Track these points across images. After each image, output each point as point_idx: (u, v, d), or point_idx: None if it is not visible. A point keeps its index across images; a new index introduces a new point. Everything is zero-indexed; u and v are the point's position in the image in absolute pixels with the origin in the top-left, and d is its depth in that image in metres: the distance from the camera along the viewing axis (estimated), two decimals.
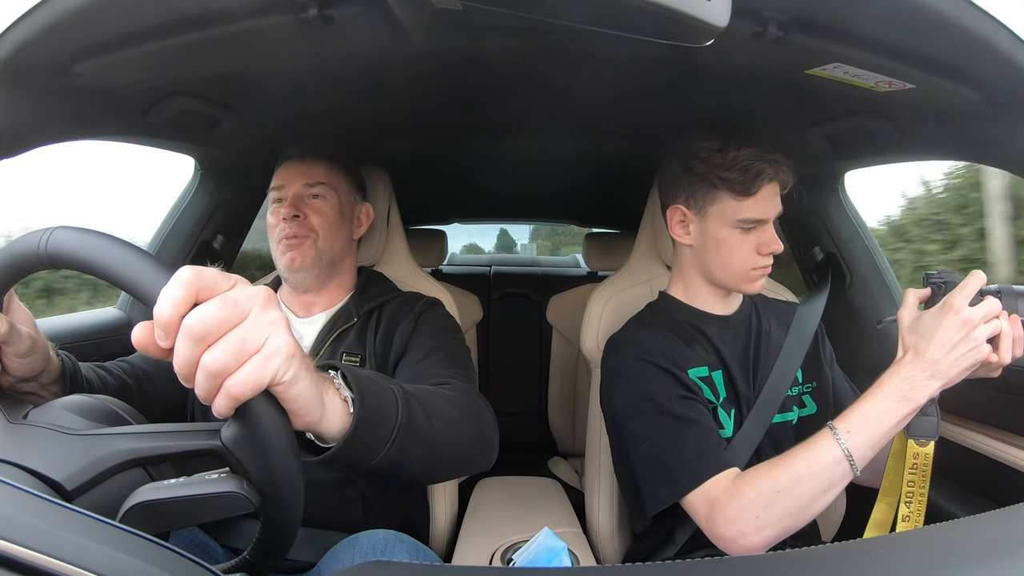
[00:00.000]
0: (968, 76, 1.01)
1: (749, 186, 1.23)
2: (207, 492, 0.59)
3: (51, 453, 0.63)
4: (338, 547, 1.07)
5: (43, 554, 0.43)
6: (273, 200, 1.44)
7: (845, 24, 0.93)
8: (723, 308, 1.40)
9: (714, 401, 1.28)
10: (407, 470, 0.86)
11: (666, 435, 1.19)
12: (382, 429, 0.78)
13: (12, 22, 0.90)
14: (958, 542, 0.66)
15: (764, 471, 1.08)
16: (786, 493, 1.04)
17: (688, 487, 1.14)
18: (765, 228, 1.27)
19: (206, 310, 0.53)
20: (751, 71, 1.17)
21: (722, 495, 1.10)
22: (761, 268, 1.28)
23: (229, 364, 0.53)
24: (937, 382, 1.02)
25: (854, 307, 1.82)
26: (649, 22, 0.74)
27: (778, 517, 1.04)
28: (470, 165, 2.38)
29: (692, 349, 1.32)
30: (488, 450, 1.09)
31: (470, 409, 1.06)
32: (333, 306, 1.45)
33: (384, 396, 0.80)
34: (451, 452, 0.98)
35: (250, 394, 0.55)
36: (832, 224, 1.86)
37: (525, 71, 1.35)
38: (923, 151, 1.46)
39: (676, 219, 1.35)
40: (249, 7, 0.94)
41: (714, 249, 1.29)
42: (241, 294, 0.56)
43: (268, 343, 0.56)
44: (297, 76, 1.29)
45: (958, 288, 1.03)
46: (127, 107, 1.29)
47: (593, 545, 1.50)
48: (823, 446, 1.05)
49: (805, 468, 1.04)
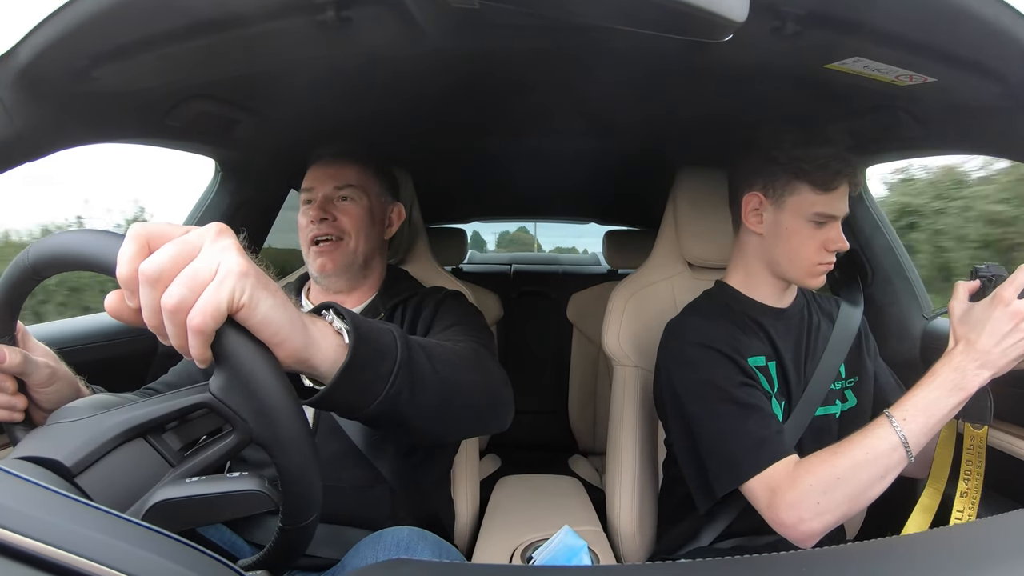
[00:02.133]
0: (990, 69, 1.00)
1: (829, 182, 1.27)
2: (228, 490, 0.59)
3: (52, 440, 0.64)
4: (361, 544, 1.07)
5: (66, 551, 0.43)
6: (303, 201, 1.45)
7: (864, 18, 0.92)
8: (779, 301, 1.42)
9: (769, 391, 1.30)
10: (413, 419, 0.83)
11: (728, 421, 1.22)
12: (380, 366, 0.75)
13: (32, 28, 0.91)
14: (982, 541, 0.66)
15: (823, 458, 1.11)
16: (845, 479, 1.07)
17: (750, 473, 1.17)
18: (834, 225, 1.30)
19: (157, 254, 0.54)
20: (770, 67, 1.16)
21: (783, 482, 1.13)
22: (826, 264, 1.30)
23: (185, 297, 0.54)
24: (987, 371, 1.05)
25: (876, 303, 1.80)
26: (667, 18, 0.73)
27: (837, 503, 1.07)
28: (488, 164, 2.38)
29: (749, 338, 1.34)
30: (502, 409, 1.07)
31: (478, 363, 1.03)
32: (361, 304, 1.46)
33: (382, 334, 0.77)
34: (460, 402, 0.95)
35: (212, 323, 0.55)
36: (854, 220, 1.84)
37: (543, 69, 1.34)
38: (945, 145, 1.45)
39: (751, 206, 1.37)
40: (266, 9, 0.95)
41: (785, 239, 1.32)
42: (192, 235, 0.56)
43: (220, 268, 0.55)
44: (315, 77, 1.29)
45: (1008, 281, 1.06)
46: (147, 110, 1.30)
47: (613, 544, 1.50)
48: (881, 433, 1.07)
49: (863, 455, 1.07)
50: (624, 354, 1.61)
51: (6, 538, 0.42)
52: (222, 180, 1.94)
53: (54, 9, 0.88)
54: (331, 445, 1.27)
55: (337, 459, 1.27)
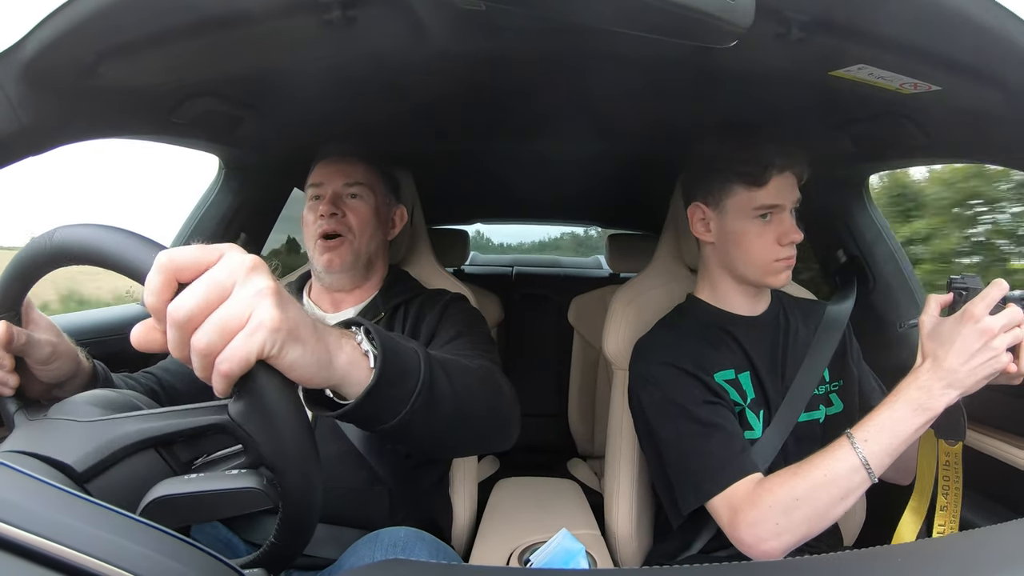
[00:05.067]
0: (994, 77, 1.00)
1: (760, 175, 1.26)
2: (227, 487, 0.59)
3: (62, 439, 0.63)
4: (359, 544, 1.07)
5: (65, 546, 0.43)
6: (311, 197, 1.45)
7: (869, 25, 0.92)
8: (751, 309, 1.41)
9: (741, 403, 1.29)
10: (422, 436, 0.83)
11: (691, 440, 1.21)
12: (404, 387, 0.75)
13: (38, 22, 0.91)
14: (978, 551, 0.65)
15: (783, 478, 1.09)
16: (804, 500, 1.05)
17: (712, 492, 1.16)
18: (783, 218, 1.29)
19: (186, 296, 0.53)
20: (775, 72, 1.16)
21: (743, 501, 1.12)
22: (784, 260, 1.29)
23: (215, 344, 0.53)
24: (954, 391, 1.01)
25: (877, 311, 1.80)
26: (673, 23, 0.73)
27: (796, 524, 1.06)
28: (492, 165, 2.38)
29: (719, 351, 1.33)
30: (508, 428, 1.07)
31: (491, 383, 1.04)
32: (361, 302, 1.46)
33: (407, 355, 0.77)
34: (470, 423, 0.96)
35: (239, 370, 0.54)
36: (856, 226, 1.84)
37: (547, 72, 1.35)
38: (948, 154, 1.45)
39: (697, 217, 1.38)
40: (272, 8, 0.95)
41: (735, 242, 1.32)
42: (222, 271, 0.55)
43: (252, 318, 0.54)
44: (320, 77, 1.29)
45: (979, 296, 1.01)
46: (152, 107, 1.30)
47: (611, 547, 1.50)
48: (840, 455, 1.05)
49: (822, 476, 1.05)
50: (624, 358, 1.60)
51: (4, 532, 0.42)
52: (225, 178, 1.94)
53: (61, 3, 0.88)
54: (330, 446, 1.27)
55: (336, 460, 1.27)
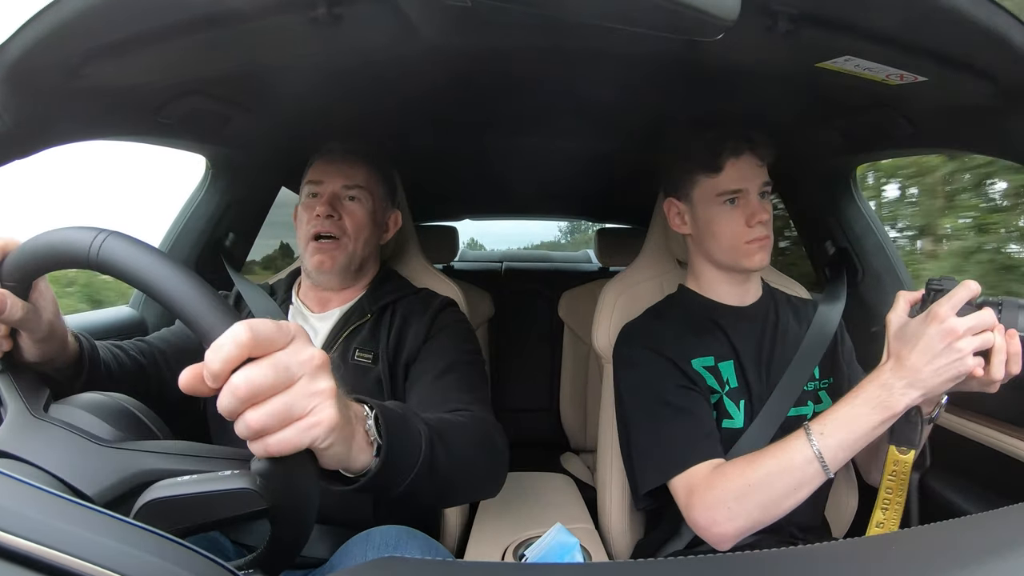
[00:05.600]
0: (981, 69, 1.00)
1: (714, 161, 1.32)
2: (221, 489, 0.59)
3: (80, 462, 0.63)
4: (350, 543, 1.06)
5: (58, 551, 0.43)
6: (308, 194, 1.44)
7: (855, 17, 0.93)
8: (739, 299, 1.44)
9: (718, 390, 1.31)
10: (418, 500, 0.88)
11: (660, 423, 1.26)
12: (403, 471, 0.79)
13: (22, 24, 0.90)
14: (955, 541, 0.66)
15: (740, 465, 1.13)
16: (757, 487, 1.09)
17: (672, 472, 1.20)
18: (749, 200, 1.33)
19: (255, 374, 0.54)
20: (762, 66, 1.16)
21: (700, 484, 1.16)
22: (756, 240, 1.32)
23: (270, 427, 0.55)
24: (916, 392, 1.01)
25: (866, 302, 1.81)
26: (660, 17, 0.73)
27: (748, 510, 1.09)
28: (481, 162, 2.38)
29: (701, 339, 1.36)
30: (500, 478, 1.13)
31: (487, 443, 1.08)
32: (348, 303, 1.45)
33: (411, 439, 0.81)
34: (465, 486, 1.05)
35: (286, 453, 0.57)
36: (844, 218, 1.85)
37: (535, 68, 1.34)
38: (936, 144, 1.46)
39: (673, 212, 1.45)
40: (259, 6, 0.94)
41: (707, 229, 1.37)
42: (294, 358, 0.57)
43: (312, 413, 0.57)
44: (307, 74, 1.29)
45: (945, 297, 1.01)
46: (138, 107, 1.29)
47: (605, 541, 1.50)
48: (796, 445, 1.08)
49: (776, 465, 1.08)
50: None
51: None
52: (212, 178, 1.93)
53: (46, 4, 0.87)
54: None
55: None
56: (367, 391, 1.26)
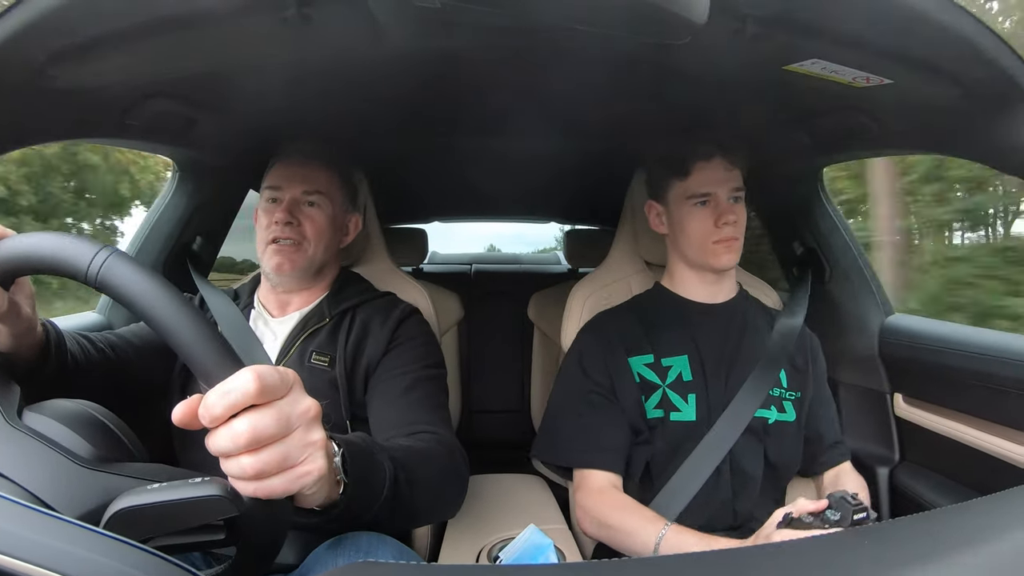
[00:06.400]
0: (946, 72, 1.02)
1: (682, 166, 1.41)
2: (190, 496, 0.58)
3: (59, 482, 0.62)
4: (319, 549, 1.05)
5: (25, 562, 0.42)
6: (267, 199, 1.42)
7: (822, 21, 0.94)
8: (708, 297, 1.49)
9: (659, 383, 1.39)
10: (382, 528, 0.99)
11: (575, 408, 1.44)
12: (368, 505, 0.82)
13: None
14: (925, 534, 0.66)
15: (612, 504, 1.31)
16: (610, 529, 1.29)
17: (562, 462, 1.48)
18: (719, 202, 1.38)
19: (260, 423, 0.57)
20: (730, 68, 1.17)
21: (587, 488, 1.36)
22: (723, 241, 1.38)
23: (264, 472, 0.58)
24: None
25: (833, 300, 1.83)
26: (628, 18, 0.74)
27: (603, 536, 1.32)
28: (450, 163, 2.37)
29: (655, 334, 1.44)
30: (461, 500, 1.20)
31: (450, 470, 1.13)
32: (307, 305, 1.44)
33: (375, 475, 0.84)
34: (428, 512, 1.14)
35: (275, 496, 0.60)
36: (811, 218, 1.87)
37: (504, 69, 1.35)
38: (901, 145, 1.48)
39: (653, 213, 1.52)
40: (228, 7, 0.93)
41: (680, 228, 1.45)
42: (293, 409, 0.60)
43: (304, 463, 0.61)
44: (276, 76, 1.27)
45: (770, 520, 1.04)
46: (106, 108, 1.27)
47: (579, 541, 1.51)
48: (649, 529, 1.20)
49: (629, 528, 1.25)
50: None
51: None
52: (179, 181, 1.90)
53: (11, 3, 0.85)
54: None
55: None
56: (322, 393, 1.26)
